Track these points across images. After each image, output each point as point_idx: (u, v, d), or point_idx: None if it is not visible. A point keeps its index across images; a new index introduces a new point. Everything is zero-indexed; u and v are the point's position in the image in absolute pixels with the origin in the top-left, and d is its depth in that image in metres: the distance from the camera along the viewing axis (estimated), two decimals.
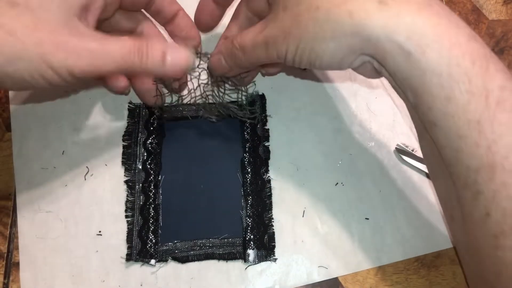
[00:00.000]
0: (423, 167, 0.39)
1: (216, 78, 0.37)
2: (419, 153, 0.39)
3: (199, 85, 0.38)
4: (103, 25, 0.35)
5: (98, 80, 0.39)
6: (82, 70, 0.27)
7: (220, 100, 0.39)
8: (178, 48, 0.32)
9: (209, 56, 0.35)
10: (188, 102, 0.40)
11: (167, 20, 0.37)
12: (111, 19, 0.35)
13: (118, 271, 0.36)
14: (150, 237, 0.37)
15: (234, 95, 0.39)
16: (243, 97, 0.39)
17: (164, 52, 0.30)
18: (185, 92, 0.40)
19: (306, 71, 0.42)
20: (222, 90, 0.38)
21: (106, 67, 0.28)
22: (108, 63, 0.28)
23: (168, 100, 0.39)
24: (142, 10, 0.37)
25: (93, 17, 0.30)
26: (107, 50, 0.28)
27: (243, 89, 0.39)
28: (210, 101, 0.39)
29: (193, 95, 0.39)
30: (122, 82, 0.36)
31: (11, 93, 0.42)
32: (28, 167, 0.39)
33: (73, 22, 0.28)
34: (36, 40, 0.25)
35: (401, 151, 0.40)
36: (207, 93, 0.39)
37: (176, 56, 0.30)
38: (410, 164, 0.39)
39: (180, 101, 0.39)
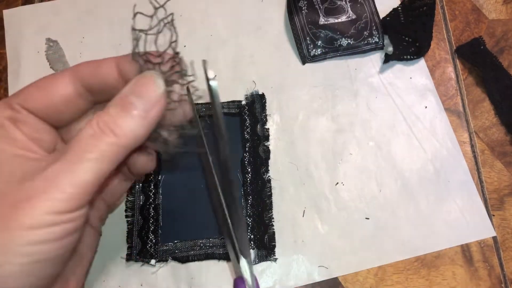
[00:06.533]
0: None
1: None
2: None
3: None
4: None
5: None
6: None
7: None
8: (138, 82, 0.24)
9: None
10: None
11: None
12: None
13: (118, 271, 0.36)
14: (150, 237, 0.37)
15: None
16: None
17: (124, 102, 0.23)
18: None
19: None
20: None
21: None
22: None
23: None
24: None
25: None
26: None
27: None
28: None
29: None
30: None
31: (11, 93, 0.42)
32: None
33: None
34: None
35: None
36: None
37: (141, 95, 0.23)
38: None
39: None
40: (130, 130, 0.22)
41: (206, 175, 0.37)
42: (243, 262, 0.26)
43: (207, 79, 0.25)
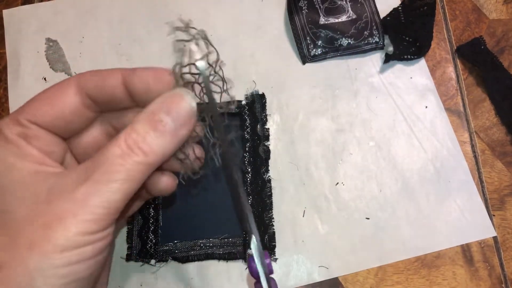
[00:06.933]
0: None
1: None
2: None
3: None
4: None
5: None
6: None
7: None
8: (168, 98, 0.23)
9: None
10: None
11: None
12: None
13: (118, 271, 0.36)
14: (150, 237, 0.37)
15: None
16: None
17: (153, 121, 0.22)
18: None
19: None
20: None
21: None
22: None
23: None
24: None
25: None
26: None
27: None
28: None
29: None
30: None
31: (10, 93, 0.42)
32: None
33: None
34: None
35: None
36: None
37: (173, 114, 0.23)
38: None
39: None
40: (160, 148, 0.22)
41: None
42: (253, 240, 0.26)
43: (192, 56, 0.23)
